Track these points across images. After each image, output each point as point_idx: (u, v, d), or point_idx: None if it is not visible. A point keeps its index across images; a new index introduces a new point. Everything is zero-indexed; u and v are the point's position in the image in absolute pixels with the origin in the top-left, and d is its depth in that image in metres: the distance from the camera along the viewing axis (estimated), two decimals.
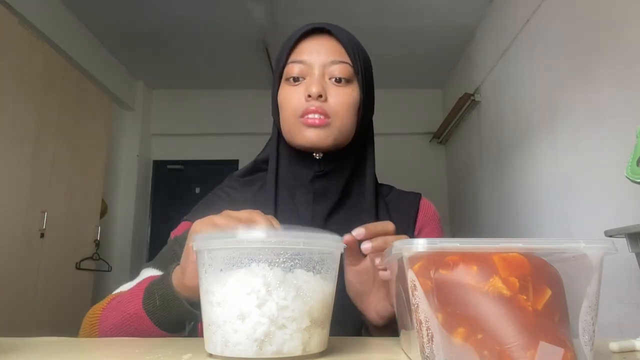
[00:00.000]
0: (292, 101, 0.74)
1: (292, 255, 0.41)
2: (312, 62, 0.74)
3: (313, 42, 0.75)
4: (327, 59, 0.74)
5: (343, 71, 0.73)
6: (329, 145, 0.73)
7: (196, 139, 4.35)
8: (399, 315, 0.48)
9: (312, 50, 0.74)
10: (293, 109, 0.73)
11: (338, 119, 0.73)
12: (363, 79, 0.76)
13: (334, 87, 0.74)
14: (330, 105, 0.72)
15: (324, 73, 0.74)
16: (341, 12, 3.21)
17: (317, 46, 0.75)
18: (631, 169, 1.06)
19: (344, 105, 0.73)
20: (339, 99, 0.73)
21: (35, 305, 2.50)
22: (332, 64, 0.73)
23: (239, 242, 0.41)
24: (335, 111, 0.72)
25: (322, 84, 0.73)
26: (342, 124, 0.73)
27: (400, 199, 0.83)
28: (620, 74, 1.76)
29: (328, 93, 0.73)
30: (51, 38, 2.88)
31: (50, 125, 2.74)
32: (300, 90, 0.74)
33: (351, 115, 0.74)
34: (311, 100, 0.72)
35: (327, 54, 0.74)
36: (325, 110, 0.72)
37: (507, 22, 2.83)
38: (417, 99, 4.43)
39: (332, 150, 0.75)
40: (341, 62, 0.74)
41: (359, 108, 0.76)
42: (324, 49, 0.74)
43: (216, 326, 0.42)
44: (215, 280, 0.42)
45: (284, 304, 0.40)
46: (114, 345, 0.50)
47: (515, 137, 2.75)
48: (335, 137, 0.73)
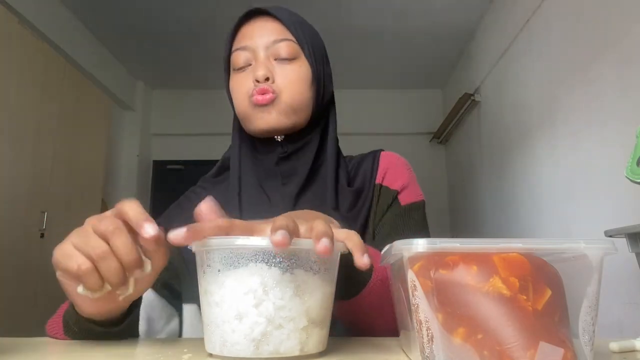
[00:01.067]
0: (242, 88, 0.73)
1: (289, 255, 0.41)
2: (254, 46, 0.73)
3: (254, 25, 0.74)
4: (269, 40, 0.73)
5: (287, 49, 0.73)
6: (283, 123, 0.72)
7: (196, 139, 4.35)
8: (399, 316, 0.48)
9: (254, 33, 0.74)
10: (243, 94, 0.73)
11: (290, 96, 0.72)
12: (311, 53, 0.74)
13: (281, 65, 0.73)
14: (277, 85, 0.72)
15: (269, 55, 0.73)
16: (341, 12, 3.21)
17: (258, 29, 0.74)
18: (631, 169, 1.06)
19: (292, 81, 0.72)
20: (287, 75, 0.72)
21: (36, 305, 2.51)
22: (274, 43, 0.73)
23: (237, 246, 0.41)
24: (283, 87, 0.71)
25: (268, 66, 0.72)
26: (291, 98, 0.72)
27: (361, 162, 0.82)
28: (621, 74, 1.76)
29: (275, 73, 0.72)
30: (51, 38, 2.88)
31: (50, 125, 2.74)
32: (248, 76, 0.73)
33: (303, 89, 0.73)
34: (259, 85, 0.71)
35: (269, 34, 0.73)
36: (273, 89, 0.71)
37: (507, 22, 2.83)
38: (417, 99, 4.43)
39: (291, 130, 0.74)
40: (284, 40, 0.73)
41: (312, 82, 0.74)
42: (265, 30, 0.73)
43: (215, 326, 0.42)
44: (213, 280, 0.42)
45: (280, 304, 0.40)
46: (114, 345, 0.50)
47: (515, 137, 2.75)
48: (286, 112, 0.72)
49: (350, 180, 0.79)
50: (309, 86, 0.74)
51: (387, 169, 0.80)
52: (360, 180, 0.78)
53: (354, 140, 4.04)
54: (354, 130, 4.12)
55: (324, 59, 0.78)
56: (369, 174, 0.79)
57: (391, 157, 0.83)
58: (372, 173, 0.79)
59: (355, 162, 0.83)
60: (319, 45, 0.78)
